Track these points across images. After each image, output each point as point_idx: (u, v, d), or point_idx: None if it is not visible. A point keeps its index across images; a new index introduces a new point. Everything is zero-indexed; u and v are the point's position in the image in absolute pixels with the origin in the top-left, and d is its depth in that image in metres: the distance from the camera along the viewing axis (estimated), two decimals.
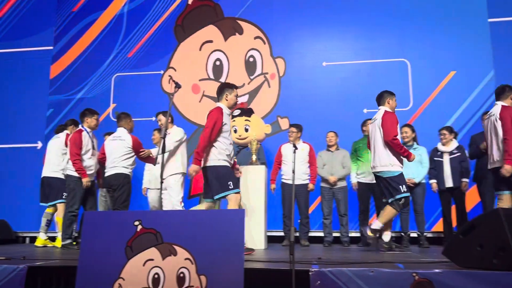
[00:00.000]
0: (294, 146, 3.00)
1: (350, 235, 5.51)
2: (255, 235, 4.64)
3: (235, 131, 5.60)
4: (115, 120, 5.15)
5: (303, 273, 2.53)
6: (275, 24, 7.03)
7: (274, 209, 5.78)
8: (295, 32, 6.99)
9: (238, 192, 3.87)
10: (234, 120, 5.63)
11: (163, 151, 3.54)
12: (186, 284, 2.49)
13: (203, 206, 4.37)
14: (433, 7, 6.62)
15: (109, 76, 7.39)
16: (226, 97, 4.00)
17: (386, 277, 2.45)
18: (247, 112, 5.75)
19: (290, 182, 5.38)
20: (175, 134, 4.97)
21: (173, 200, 4.86)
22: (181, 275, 2.49)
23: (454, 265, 2.69)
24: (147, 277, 2.46)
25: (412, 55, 6.58)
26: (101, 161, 5.11)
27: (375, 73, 6.62)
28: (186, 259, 2.54)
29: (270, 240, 5.57)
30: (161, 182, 3.45)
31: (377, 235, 4.22)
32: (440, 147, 5.30)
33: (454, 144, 5.26)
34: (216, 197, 3.88)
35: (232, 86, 4.07)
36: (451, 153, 5.21)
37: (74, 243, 4.86)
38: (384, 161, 4.17)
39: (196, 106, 6.98)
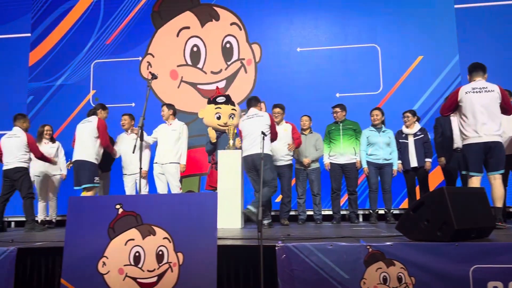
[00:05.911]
0: (263, 133, 3.24)
1: (322, 213, 5.84)
2: (231, 215, 4.91)
3: (219, 117, 5.81)
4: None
5: (270, 248, 2.81)
6: (250, 11, 7.16)
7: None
8: (270, 18, 7.15)
9: None
10: (220, 107, 5.84)
11: (141, 139, 3.75)
12: (165, 261, 2.76)
13: None
14: None
15: (88, 62, 7.45)
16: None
17: (343, 250, 2.74)
18: (230, 100, 5.98)
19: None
20: (175, 126, 5.60)
21: (173, 186, 5.49)
22: (160, 252, 2.75)
23: (405, 238, 3.00)
24: (128, 255, 2.71)
25: (382, 40, 6.82)
26: None
27: (347, 59, 6.87)
28: (164, 238, 2.79)
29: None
30: (140, 169, 3.69)
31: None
32: (404, 129, 5.57)
33: (417, 126, 5.54)
34: None
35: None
36: (415, 135, 5.49)
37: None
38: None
39: (174, 92, 7.12)
